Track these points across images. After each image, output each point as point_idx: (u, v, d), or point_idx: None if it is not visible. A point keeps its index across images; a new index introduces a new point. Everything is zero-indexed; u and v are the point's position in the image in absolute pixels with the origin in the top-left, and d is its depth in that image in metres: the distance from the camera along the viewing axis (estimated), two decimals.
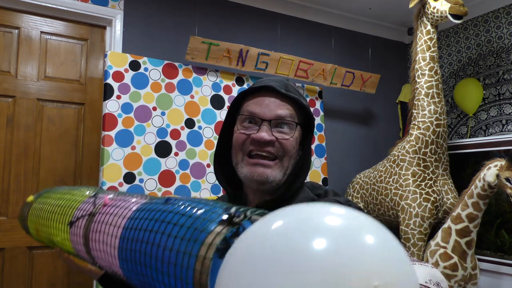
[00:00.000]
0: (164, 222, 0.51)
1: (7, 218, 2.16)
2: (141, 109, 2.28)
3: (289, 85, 0.82)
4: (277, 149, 0.76)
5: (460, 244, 2.13)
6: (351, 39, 3.28)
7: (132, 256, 0.54)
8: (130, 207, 0.61)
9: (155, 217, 0.53)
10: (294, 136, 0.77)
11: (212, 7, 2.73)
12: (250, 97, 0.80)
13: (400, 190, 2.46)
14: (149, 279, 0.51)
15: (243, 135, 0.77)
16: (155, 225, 0.52)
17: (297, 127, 0.78)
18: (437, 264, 2.16)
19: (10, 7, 2.24)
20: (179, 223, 0.49)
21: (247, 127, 0.78)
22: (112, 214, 0.63)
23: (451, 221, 2.18)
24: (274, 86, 0.77)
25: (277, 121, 0.76)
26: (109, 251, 0.59)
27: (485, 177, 2.04)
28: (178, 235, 0.48)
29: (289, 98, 0.78)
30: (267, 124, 0.76)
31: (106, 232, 0.61)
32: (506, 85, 2.77)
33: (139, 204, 0.61)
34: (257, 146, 0.75)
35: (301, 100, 0.80)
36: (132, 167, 2.22)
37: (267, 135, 0.74)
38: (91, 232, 0.66)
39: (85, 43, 2.43)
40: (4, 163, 2.17)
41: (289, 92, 0.79)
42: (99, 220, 0.65)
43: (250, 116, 0.77)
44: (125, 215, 0.60)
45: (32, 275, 2.19)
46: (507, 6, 2.79)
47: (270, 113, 0.76)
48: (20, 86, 2.24)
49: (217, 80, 2.54)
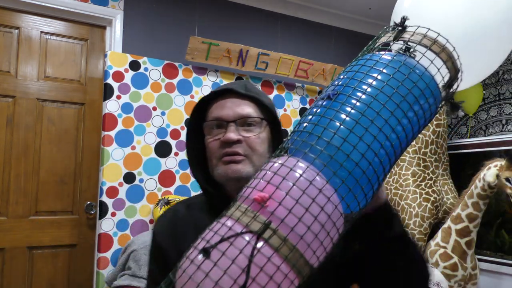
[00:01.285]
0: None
1: (7, 218, 2.16)
2: (141, 109, 2.28)
3: (249, 85, 0.84)
4: (245, 148, 0.77)
5: (460, 244, 2.13)
6: (351, 39, 3.28)
7: None
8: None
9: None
10: (261, 134, 0.79)
11: (212, 7, 2.73)
12: (212, 104, 0.82)
13: (400, 190, 2.46)
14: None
15: (214, 141, 0.79)
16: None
17: (263, 123, 0.80)
18: (437, 264, 2.16)
19: (10, 7, 2.24)
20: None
21: (215, 133, 0.79)
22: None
23: (451, 221, 2.18)
24: (234, 88, 0.80)
25: (242, 120, 0.78)
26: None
27: (485, 177, 2.04)
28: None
29: (249, 97, 0.80)
30: (233, 125, 0.77)
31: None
32: (506, 85, 2.77)
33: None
34: (226, 147, 0.77)
35: (262, 98, 0.81)
36: (132, 167, 2.22)
37: (234, 134, 0.76)
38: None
39: (85, 43, 2.43)
40: (4, 163, 2.17)
41: (249, 92, 0.81)
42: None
43: (215, 121, 0.79)
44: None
45: (32, 275, 2.19)
46: None
47: (234, 114, 0.78)
48: (20, 86, 2.24)
49: (217, 80, 2.54)
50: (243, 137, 0.77)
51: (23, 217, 2.19)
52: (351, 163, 0.50)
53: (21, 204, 2.19)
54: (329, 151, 0.50)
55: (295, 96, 2.80)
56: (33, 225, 2.21)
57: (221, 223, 0.48)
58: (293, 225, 0.44)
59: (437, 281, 1.89)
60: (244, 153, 0.77)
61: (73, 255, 2.29)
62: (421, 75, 0.54)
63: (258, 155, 0.78)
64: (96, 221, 2.23)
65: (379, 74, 0.54)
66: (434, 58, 0.55)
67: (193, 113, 0.84)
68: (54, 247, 2.25)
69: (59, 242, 2.26)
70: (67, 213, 2.30)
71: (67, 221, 2.29)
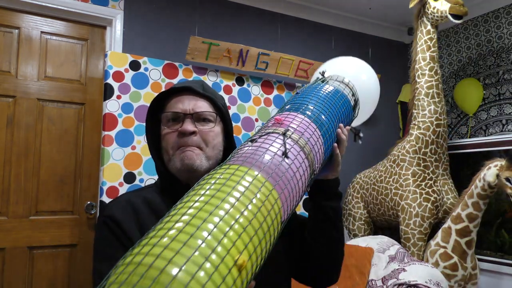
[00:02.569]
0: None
1: (7, 218, 2.16)
2: (141, 109, 2.28)
3: (205, 85, 0.92)
4: (199, 141, 0.85)
5: (460, 244, 2.13)
6: (351, 39, 3.28)
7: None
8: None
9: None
10: (215, 128, 0.87)
11: (212, 7, 2.73)
12: (171, 99, 0.89)
13: (400, 190, 2.46)
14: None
15: (170, 133, 0.85)
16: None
17: (217, 118, 0.88)
18: (437, 264, 2.16)
19: (10, 7, 2.24)
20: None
21: (172, 125, 0.86)
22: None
23: (451, 221, 2.18)
24: (192, 87, 0.87)
25: (197, 114, 0.86)
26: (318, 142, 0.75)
27: (485, 177, 2.04)
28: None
29: (206, 97, 0.88)
30: (190, 118, 0.85)
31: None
32: (506, 85, 2.77)
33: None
34: (182, 136, 0.84)
35: (217, 98, 0.90)
36: (132, 167, 2.22)
37: (191, 126, 0.84)
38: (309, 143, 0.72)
39: (85, 43, 2.44)
40: (5, 163, 2.17)
41: (206, 91, 0.89)
42: (299, 130, 0.72)
43: (173, 114, 0.86)
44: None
45: (33, 275, 2.19)
46: (507, 6, 2.79)
47: (191, 108, 0.86)
48: (20, 86, 2.24)
49: (217, 80, 2.54)
50: (198, 130, 0.85)
51: (24, 217, 2.19)
52: (322, 122, 0.79)
53: (21, 204, 2.19)
54: (314, 109, 0.81)
55: None
56: (33, 225, 2.21)
57: (254, 134, 0.71)
58: (302, 132, 0.72)
59: (437, 281, 1.89)
60: (198, 145, 0.84)
61: (73, 255, 2.30)
62: (341, 93, 0.92)
63: (211, 147, 0.86)
64: (96, 221, 2.23)
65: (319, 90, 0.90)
66: (345, 87, 0.96)
67: (151, 105, 0.90)
68: (55, 247, 2.25)
69: (59, 242, 2.26)
70: (68, 213, 2.30)
71: (67, 221, 2.29)
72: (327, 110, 0.82)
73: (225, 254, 0.45)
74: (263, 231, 0.53)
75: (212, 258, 0.43)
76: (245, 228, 0.50)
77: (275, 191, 0.59)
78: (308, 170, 0.69)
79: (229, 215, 0.49)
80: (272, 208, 0.57)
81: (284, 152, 0.64)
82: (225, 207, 0.50)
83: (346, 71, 1.86)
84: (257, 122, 2.62)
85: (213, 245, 0.44)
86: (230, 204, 0.51)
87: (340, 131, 0.85)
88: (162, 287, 0.38)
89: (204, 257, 0.42)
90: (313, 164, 0.71)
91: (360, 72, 1.81)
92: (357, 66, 1.83)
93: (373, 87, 1.81)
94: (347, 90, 0.95)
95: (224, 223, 0.48)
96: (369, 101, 1.76)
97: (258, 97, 2.66)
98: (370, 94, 1.75)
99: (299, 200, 0.67)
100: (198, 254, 0.42)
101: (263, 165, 0.61)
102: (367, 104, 1.77)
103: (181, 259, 0.41)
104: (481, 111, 2.90)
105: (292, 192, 0.63)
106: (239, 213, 0.51)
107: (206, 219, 0.47)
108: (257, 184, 0.57)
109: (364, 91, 1.78)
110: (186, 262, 0.41)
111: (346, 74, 1.03)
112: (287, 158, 0.64)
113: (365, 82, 1.75)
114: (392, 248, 2.18)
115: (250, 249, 0.49)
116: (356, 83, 1.03)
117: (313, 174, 0.72)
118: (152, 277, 0.39)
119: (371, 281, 2.05)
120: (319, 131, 0.76)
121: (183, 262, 0.41)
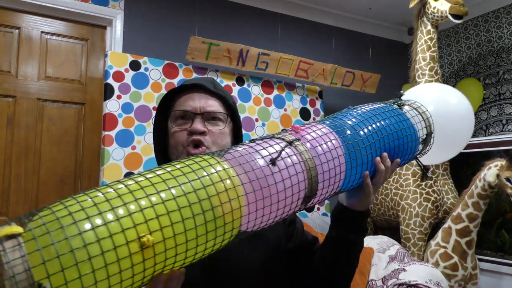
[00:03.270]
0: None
1: (7, 218, 2.16)
2: (141, 109, 2.28)
3: (216, 83, 0.89)
4: (208, 141, 0.82)
5: (460, 244, 2.13)
6: (351, 39, 3.28)
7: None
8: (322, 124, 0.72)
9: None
10: (225, 129, 0.84)
11: (212, 7, 2.73)
12: (180, 96, 0.86)
13: (401, 190, 2.46)
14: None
15: (181, 131, 0.83)
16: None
17: (227, 119, 0.85)
18: (438, 264, 2.16)
19: (10, 7, 2.24)
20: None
21: (181, 123, 0.83)
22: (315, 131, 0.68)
23: (451, 221, 2.18)
24: (203, 84, 0.84)
25: (208, 114, 0.83)
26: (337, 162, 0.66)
27: (486, 177, 2.04)
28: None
29: (217, 95, 0.85)
30: (200, 117, 0.82)
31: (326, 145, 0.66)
32: (506, 85, 2.77)
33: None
34: (192, 136, 0.81)
35: (227, 97, 0.87)
36: (132, 167, 2.22)
37: (201, 126, 0.81)
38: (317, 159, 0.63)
39: (86, 43, 2.44)
40: (5, 163, 2.17)
41: (217, 90, 0.86)
42: (311, 142, 0.64)
43: (183, 112, 0.83)
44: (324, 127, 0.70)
45: None
46: (507, 6, 2.79)
47: (201, 108, 0.83)
48: (20, 86, 2.24)
49: (217, 80, 2.54)
50: (208, 130, 0.82)
51: None
52: (357, 146, 0.69)
53: (21, 204, 2.19)
54: (343, 127, 0.71)
55: (295, 96, 2.80)
56: None
57: (263, 136, 0.66)
58: (315, 146, 0.64)
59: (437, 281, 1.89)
60: (207, 144, 0.82)
61: None
62: (405, 119, 0.79)
63: (219, 146, 0.83)
64: None
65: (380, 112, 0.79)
66: (417, 114, 0.82)
67: (161, 102, 0.88)
68: None
69: None
70: None
71: None
72: (369, 131, 0.71)
73: (131, 226, 0.45)
74: (201, 227, 0.50)
75: (112, 224, 0.44)
76: (169, 212, 0.48)
77: (241, 189, 0.54)
78: (302, 187, 0.60)
79: (160, 195, 0.48)
80: (227, 202, 0.52)
81: (272, 160, 0.57)
82: (164, 188, 0.49)
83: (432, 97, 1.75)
84: (257, 122, 2.62)
85: (120, 214, 0.45)
86: (174, 186, 0.50)
87: (379, 160, 0.74)
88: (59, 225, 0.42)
89: (103, 218, 0.44)
90: (313, 182, 0.62)
91: (449, 95, 1.70)
92: (446, 91, 1.71)
93: (466, 115, 1.69)
94: (417, 119, 0.80)
95: (148, 200, 0.47)
96: (458, 131, 1.65)
97: (258, 97, 2.66)
98: (459, 124, 1.63)
99: (278, 216, 0.60)
100: (98, 213, 0.44)
101: (242, 162, 0.56)
102: (458, 135, 1.64)
103: (82, 214, 0.44)
104: (481, 111, 2.90)
105: (266, 202, 0.56)
106: (172, 196, 0.49)
107: (134, 191, 0.48)
108: (222, 175, 0.54)
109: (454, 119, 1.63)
110: (87, 217, 0.43)
111: (430, 101, 0.93)
112: (274, 166, 0.57)
113: (455, 106, 1.65)
114: (392, 248, 2.18)
115: (166, 235, 0.47)
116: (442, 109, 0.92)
117: (312, 194, 0.63)
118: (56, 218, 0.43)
119: (371, 281, 2.05)
120: (343, 150, 0.67)
121: (84, 216, 0.43)
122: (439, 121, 0.92)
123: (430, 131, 0.82)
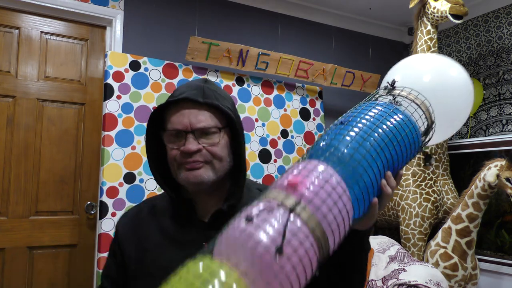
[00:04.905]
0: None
1: (7, 218, 2.16)
2: (141, 109, 2.28)
3: (206, 89, 0.82)
4: (205, 155, 0.80)
5: (460, 244, 2.13)
6: (351, 39, 3.28)
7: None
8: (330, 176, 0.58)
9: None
10: (220, 141, 0.81)
11: (212, 7, 2.73)
12: (170, 110, 0.82)
13: (400, 190, 2.46)
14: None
15: (174, 150, 0.81)
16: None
17: (221, 132, 0.81)
18: (438, 264, 2.16)
19: (10, 7, 2.24)
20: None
21: (175, 141, 0.81)
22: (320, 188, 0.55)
23: (451, 221, 2.18)
24: (191, 97, 0.79)
25: (200, 130, 0.79)
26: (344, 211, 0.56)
27: (485, 177, 2.04)
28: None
29: (206, 105, 0.80)
30: (192, 135, 0.79)
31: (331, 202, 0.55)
32: (506, 85, 2.77)
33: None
34: (187, 157, 0.79)
35: (220, 105, 0.81)
36: (132, 167, 2.22)
37: (193, 145, 0.78)
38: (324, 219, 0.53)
39: (85, 43, 2.43)
40: (4, 163, 2.17)
41: (207, 99, 0.80)
42: (315, 203, 0.53)
43: (174, 131, 0.80)
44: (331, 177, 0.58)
45: (33, 275, 2.19)
46: (507, 6, 2.79)
47: (192, 125, 0.79)
48: (20, 86, 2.24)
49: (217, 80, 2.54)
50: (202, 146, 0.79)
51: (23, 217, 2.19)
52: (361, 173, 0.61)
53: (21, 204, 2.19)
54: (341, 158, 0.61)
55: (295, 96, 2.80)
56: (33, 225, 2.21)
57: (259, 202, 0.55)
58: (318, 205, 0.53)
59: (437, 281, 1.89)
60: (204, 160, 0.80)
61: (73, 255, 2.29)
62: (406, 121, 0.69)
63: (218, 159, 0.81)
64: (96, 221, 2.23)
65: (377, 112, 0.68)
66: (417, 108, 0.73)
67: (150, 120, 0.85)
68: (54, 247, 2.25)
69: (59, 242, 2.26)
70: (67, 213, 2.30)
71: (67, 221, 2.29)
72: (372, 154, 0.62)
73: None
74: None
75: None
76: None
77: None
78: (315, 261, 0.52)
79: None
80: None
81: (278, 248, 0.48)
82: None
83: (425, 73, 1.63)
84: (257, 122, 2.62)
85: None
86: None
87: (385, 183, 0.65)
88: None
89: None
90: (324, 248, 0.53)
91: (446, 68, 1.53)
92: (440, 63, 1.53)
93: (463, 86, 1.56)
94: (417, 114, 0.72)
95: None
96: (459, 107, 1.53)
97: (258, 97, 2.66)
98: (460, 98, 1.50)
99: None
100: None
101: (244, 259, 0.48)
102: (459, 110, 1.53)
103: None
104: (481, 111, 2.90)
105: None
106: None
107: None
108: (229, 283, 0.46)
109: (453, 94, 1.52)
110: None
111: (425, 80, 0.84)
112: (280, 254, 0.47)
113: (454, 78, 1.52)
114: (392, 248, 2.18)
115: None
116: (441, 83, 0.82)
117: (325, 256, 0.55)
118: None
119: (371, 281, 2.05)
120: (349, 191, 0.58)
121: None
122: (437, 99, 0.84)
123: (431, 122, 0.74)
